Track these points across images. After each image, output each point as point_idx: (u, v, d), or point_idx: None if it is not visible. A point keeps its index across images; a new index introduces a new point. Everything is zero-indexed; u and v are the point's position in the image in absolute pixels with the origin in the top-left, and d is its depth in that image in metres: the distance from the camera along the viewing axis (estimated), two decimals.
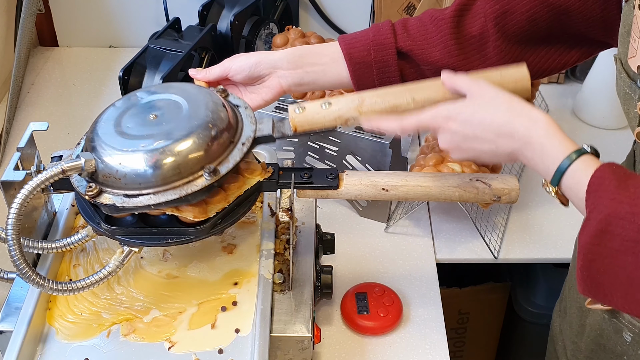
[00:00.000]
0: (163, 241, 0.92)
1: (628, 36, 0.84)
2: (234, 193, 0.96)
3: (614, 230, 0.74)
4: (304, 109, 0.95)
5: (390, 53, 1.04)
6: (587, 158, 0.80)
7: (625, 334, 0.98)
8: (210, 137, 0.89)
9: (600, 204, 0.76)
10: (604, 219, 0.75)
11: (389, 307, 1.19)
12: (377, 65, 1.04)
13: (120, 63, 1.48)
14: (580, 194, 0.79)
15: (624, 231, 0.74)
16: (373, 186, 0.99)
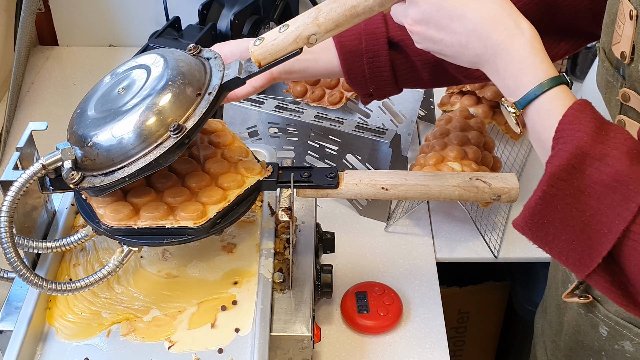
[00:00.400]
0: (162, 241, 0.92)
1: (613, 25, 0.84)
2: (233, 192, 0.96)
3: (585, 169, 0.68)
4: (262, 39, 0.89)
5: (381, 42, 1.03)
6: (562, 90, 0.74)
7: (602, 328, 0.98)
8: (171, 96, 0.88)
9: (576, 137, 0.69)
10: (578, 155, 0.68)
11: (389, 307, 1.19)
12: (367, 54, 1.04)
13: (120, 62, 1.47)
14: (549, 122, 0.73)
15: (595, 172, 0.67)
16: (373, 185, 0.99)
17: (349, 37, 1.04)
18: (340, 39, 1.04)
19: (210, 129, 1.07)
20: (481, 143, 1.35)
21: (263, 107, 1.38)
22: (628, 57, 0.80)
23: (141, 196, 0.94)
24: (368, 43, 1.04)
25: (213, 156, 1.02)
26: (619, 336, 0.96)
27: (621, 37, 0.81)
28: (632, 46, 0.79)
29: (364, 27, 1.04)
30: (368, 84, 1.08)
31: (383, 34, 1.03)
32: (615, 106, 0.86)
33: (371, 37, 1.03)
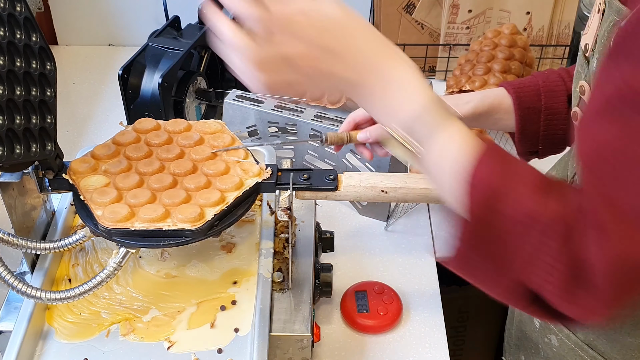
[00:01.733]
0: (160, 243, 0.92)
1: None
2: (231, 194, 0.96)
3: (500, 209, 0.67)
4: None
5: (561, 100, 1.02)
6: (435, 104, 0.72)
7: (535, 319, 0.99)
8: None
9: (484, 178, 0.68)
10: (490, 196, 0.68)
11: (389, 306, 1.19)
12: (546, 112, 1.02)
13: (120, 61, 1.47)
14: (423, 140, 0.71)
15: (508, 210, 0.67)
16: (372, 188, 0.99)
17: (527, 94, 1.02)
18: (518, 94, 1.02)
19: (210, 130, 1.07)
20: None
21: (263, 107, 1.38)
22: (590, 50, 0.80)
23: (139, 198, 0.94)
24: (547, 100, 1.02)
25: (212, 157, 1.02)
26: (547, 329, 0.98)
27: (589, 28, 0.81)
28: (594, 40, 0.79)
29: (543, 83, 1.02)
30: (539, 142, 1.06)
31: (562, 90, 1.02)
32: (576, 97, 0.85)
33: (551, 94, 1.02)
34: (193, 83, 1.45)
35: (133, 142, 1.04)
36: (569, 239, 0.63)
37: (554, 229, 0.64)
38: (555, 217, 0.64)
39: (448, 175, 0.70)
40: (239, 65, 0.72)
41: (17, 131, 0.87)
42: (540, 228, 0.65)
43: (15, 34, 0.88)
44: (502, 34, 1.56)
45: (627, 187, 0.61)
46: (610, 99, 0.64)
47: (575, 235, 0.63)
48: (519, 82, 1.04)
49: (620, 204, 0.61)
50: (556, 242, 0.64)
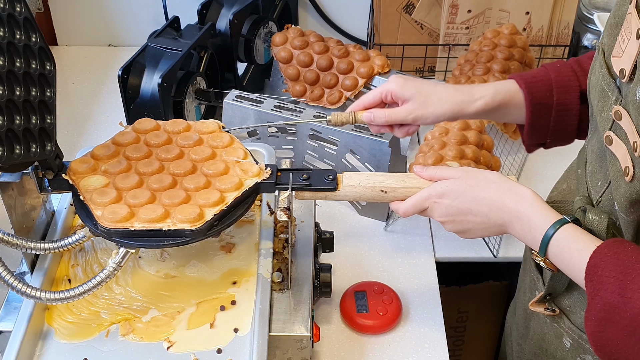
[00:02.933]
0: (159, 243, 0.92)
1: (617, 28, 0.83)
2: (231, 194, 0.96)
3: (613, 318, 0.78)
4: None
5: (573, 97, 1.03)
6: (568, 227, 0.86)
7: (565, 339, 0.98)
8: None
9: (597, 294, 0.80)
10: (603, 309, 0.79)
11: (388, 306, 1.19)
12: (558, 107, 1.04)
13: (120, 62, 1.47)
14: (564, 261, 0.86)
15: (621, 319, 0.78)
16: (372, 188, 0.99)
17: (539, 89, 1.03)
18: (530, 89, 1.03)
19: (209, 130, 1.07)
20: (480, 142, 1.35)
21: (262, 107, 1.38)
22: (627, 76, 0.79)
23: (138, 198, 0.94)
24: (560, 96, 1.03)
25: (211, 157, 1.02)
26: (581, 349, 0.96)
27: (623, 52, 0.80)
28: (633, 66, 0.78)
29: (555, 78, 1.03)
30: (548, 135, 1.08)
31: (576, 87, 1.03)
32: (606, 119, 0.85)
33: (563, 89, 1.03)
34: (192, 83, 1.45)
35: (133, 143, 1.04)
36: None
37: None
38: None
39: (570, 272, 0.87)
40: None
41: (16, 131, 0.87)
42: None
43: (14, 34, 0.88)
44: (501, 34, 1.56)
45: None
46: None
47: None
48: (531, 76, 1.04)
49: None
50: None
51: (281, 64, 1.55)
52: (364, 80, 1.50)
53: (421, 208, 0.98)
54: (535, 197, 0.91)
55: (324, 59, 1.51)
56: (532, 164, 1.54)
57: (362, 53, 1.53)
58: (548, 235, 0.86)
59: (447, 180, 0.96)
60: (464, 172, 0.96)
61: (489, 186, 0.93)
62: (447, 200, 0.95)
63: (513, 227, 0.92)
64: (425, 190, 0.97)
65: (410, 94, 1.04)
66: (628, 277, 0.77)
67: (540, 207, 0.89)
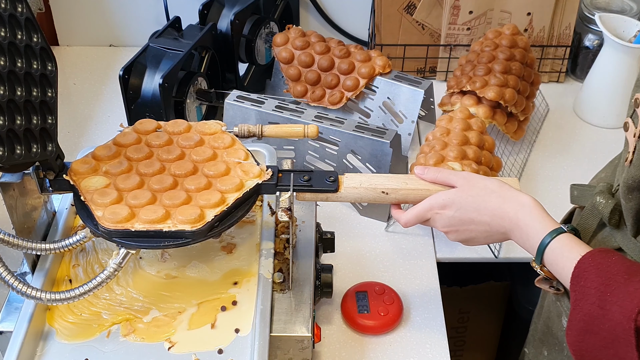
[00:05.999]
0: (160, 244, 0.92)
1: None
2: (232, 195, 0.96)
3: (593, 329, 0.80)
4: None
5: None
6: (564, 237, 0.88)
7: (564, 319, 1.00)
8: None
9: (579, 304, 0.82)
10: (583, 319, 0.81)
11: (389, 306, 1.19)
12: None
13: (121, 62, 1.47)
14: (559, 270, 0.88)
15: (600, 330, 0.80)
16: (373, 189, 0.99)
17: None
18: None
19: (210, 131, 1.07)
20: (481, 143, 1.35)
21: (263, 107, 1.38)
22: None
23: (139, 199, 0.94)
24: None
25: (212, 158, 1.02)
26: None
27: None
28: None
29: None
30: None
31: None
32: (630, 107, 0.87)
33: None
34: (194, 84, 1.45)
35: (134, 143, 1.04)
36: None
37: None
38: None
39: (564, 280, 0.88)
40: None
41: (17, 132, 0.87)
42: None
43: (16, 34, 0.88)
44: (502, 34, 1.56)
45: None
46: None
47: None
48: None
49: None
50: None
51: (282, 65, 1.55)
52: (365, 81, 1.50)
53: (423, 219, 1.00)
54: (534, 205, 0.93)
55: (325, 59, 1.51)
56: (533, 164, 1.53)
57: (363, 53, 1.53)
58: (544, 244, 0.89)
59: (448, 191, 0.98)
60: (464, 180, 0.98)
61: (490, 196, 0.96)
62: (450, 211, 0.97)
63: (514, 235, 0.94)
64: (426, 201, 0.99)
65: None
66: (608, 288, 0.79)
67: (538, 216, 0.92)
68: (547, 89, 1.74)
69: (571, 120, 1.67)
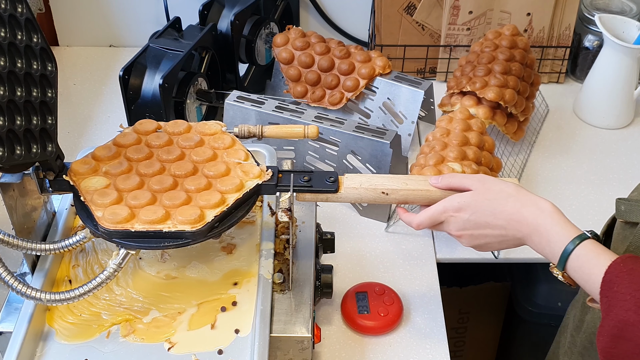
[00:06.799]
0: (160, 244, 0.92)
1: None
2: (232, 196, 0.96)
3: (627, 336, 0.79)
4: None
5: None
6: (589, 243, 0.86)
7: None
8: None
9: (612, 310, 0.80)
10: (617, 325, 0.79)
11: (390, 307, 1.19)
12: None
13: (121, 62, 1.48)
14: (584, 277, 0.86)
15: (634, 337, 0.78)
16: (373, 190, 0.99)
17: None
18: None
19: (210, 132, 1.07)
20: (481, 144, 1.35)
21: (263, 108, 1.38)
22: None
23: (139, 199, 0.94)
24: None
25: (212, 159, 1.02)
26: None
27: None
28: None
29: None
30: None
31: None
32: None
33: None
34: (194, 84, 1.45)
35: (134, 144, 1.04)
36: None
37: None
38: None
39: (589, 288, 0.86)
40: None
41: (17, 132, 0.87)
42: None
43: (16, 35, 0.88)
44: (502, 35, 1.56)
45: None
46: None
47: None
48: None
49: None
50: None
51: (282, 65, 1.55)
52: (365, 81, 1.50)
53: (436, 221, 0.98)
54: (554, 210, 0.91)
55: (325, 59, 1.51)
56: (533, 165, 1.53)
57: (363, 54, 1.53)
58: (568, 251, 0.87)
59: (464, 194, 0.96)
60: (480, 183, 0.96)
61: (507, 200, 0.93)
62: (465, 214, 0.95)
63: (531, 240, 0.92)
64: (440, 204, 0.97)
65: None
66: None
67: (560, 221, 0.90)
68: (547, 90, 1.74)
69: (571, 121, 1.67)
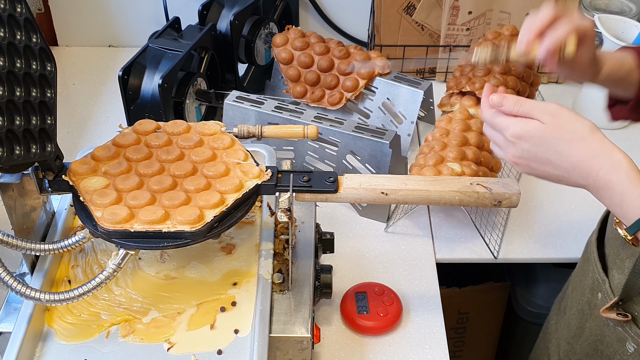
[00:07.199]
0: (159, 244, 0.92)
1: None
2: (231, 196, 0.96)
3: None
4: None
5: None
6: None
7: (629, 344, 0.97)
8: None
9: None
10: None
11: (389, 307, 1.19)
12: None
13: (120, 62, 1.48)
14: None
15: None
16: (372, 190, 0.99)
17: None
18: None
19: (210, 132, 1.07)
20: (481, 144, 1.35)
21: (263, 108, 1.38)
22: None
23: (139, 199, 0.94)
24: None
25: (212, 159, 1.02)
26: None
27: None
28: None
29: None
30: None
31: None
32: None
33: None
34: (193, 84, 1.45)
35: (133, 144, 1.04)
36: None
37: None
38: None
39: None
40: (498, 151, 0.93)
41: (16, 132, 0.87)
42: None
43: (15, 35, 0.88)
44: (502, 35, 1.56)
45: None
46: None
47: None
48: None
49: None
50: None
51: (282, 65, 1.55)
52: (364, 82, 1.50)
53: (496, 130, 0.90)
54: (631, 167, 0.82)
55: (324, 60, 1.51)
56: None
57: (362, 54, 1.53)
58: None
59: (529, 122, 0.87)
60: (552, 117, 0.86)
61: (578, 143, 0.84)
62: (526, 144, 0.87)
63: (599, 194, 0.84)
64: (506, 121, 0.88)
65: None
66: None
67: (637, 181, 0.81)
68: (547, 90, 1.75)
69: None
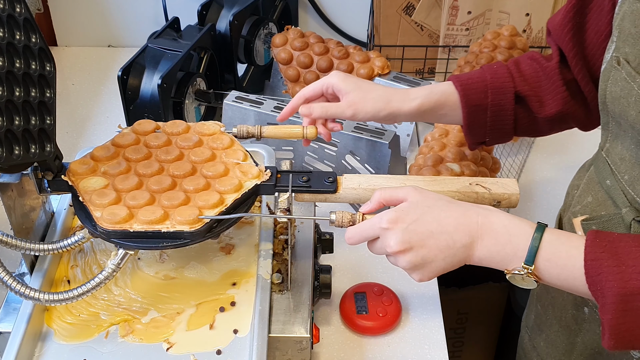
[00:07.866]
0: (158, 244, 0.92)
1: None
2: (230, 196, 0.96)
3: (635, 305, 0.75)
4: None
5: (508, 98, 1.05)
6: (551, 230, 0.82)
7: (635, 352, 0.96)
8: None
9: (607, 287, 0.76)
10: (621, 300, 0.76)
11: (388, 307, 1.19)
12: (493, 108, 1.06)
13: (119, 62, 1.48)
14: (560, 263, 0.80)
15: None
16: (372, 190, 0.99)
17: (474, 91, 1.06)
18: (465, 92, 1.05)
19: (209, 132, 1.07)
20: None
21: (262, 108, 1.38)
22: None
23: (138, 199, 0.94)
24: (494, 98, 1.05)
25: (211, 159, 1.02)
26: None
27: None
28: None
29: (491, 80, 1.05)
30: (486, 135, 1.10)
31: (510, 88, 1.05)
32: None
33: (498, 91, 1.05)
34: (192, 84, 1.45)
35: (132, 144, 1.04)
36: None
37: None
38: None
39: (567, 276, 0.81)
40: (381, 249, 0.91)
41: (16, 132, 0.87)
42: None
43: (14, 35, 0.88)
44: (501, 35, 1.56)
45: None
46: None
47: None
48: (467, 78, 1.07)
49: None
50: None
51: (281, 65, 1.55)
52: None
53: (369, 236, 0.89)
54: (500, 210, 0.85)
55: (324, 60, 1.51)
56: (532, 165, 1.54)
57: (362, 54, 1.53)
58: (534, 244, 0.80)
59: (399, 204, 0.87)
60: (415, 191, 0.88)
61: (448, 206, 0.85)
62: (403, 224, 0.84)
63: (483, 243, 0.83)
64: (376, 216, 0.87)
65: (351, 88, 1.07)
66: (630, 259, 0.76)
67: (511, 216, 0.83)
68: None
69: None
